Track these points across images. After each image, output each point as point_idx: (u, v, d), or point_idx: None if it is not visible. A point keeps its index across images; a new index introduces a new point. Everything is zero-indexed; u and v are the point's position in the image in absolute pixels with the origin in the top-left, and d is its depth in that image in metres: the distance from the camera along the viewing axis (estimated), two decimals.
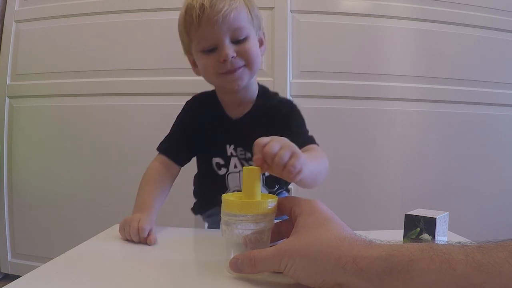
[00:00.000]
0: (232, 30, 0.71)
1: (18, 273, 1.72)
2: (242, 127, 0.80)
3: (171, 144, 0.83)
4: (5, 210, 1.74)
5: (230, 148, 0.81)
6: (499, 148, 1.65)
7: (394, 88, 1.59)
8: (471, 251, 0.32)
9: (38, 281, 0.44)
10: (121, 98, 1.64)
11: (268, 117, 0.79)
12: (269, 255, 0.42)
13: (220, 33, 0.70)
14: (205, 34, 0.71)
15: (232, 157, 0.81)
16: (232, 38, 0.72)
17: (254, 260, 0.42)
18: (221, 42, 0.71)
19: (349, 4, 1.60)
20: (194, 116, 0.83)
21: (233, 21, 0.70)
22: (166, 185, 0.80)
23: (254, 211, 0.44)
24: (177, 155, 0.82)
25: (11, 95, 1.73)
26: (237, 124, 0.81)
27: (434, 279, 0.31)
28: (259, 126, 0.78)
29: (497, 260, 0.30)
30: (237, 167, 0.82)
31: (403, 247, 0.35)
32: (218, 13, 0.69)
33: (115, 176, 1.64)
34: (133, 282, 0.45)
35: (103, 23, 1.66)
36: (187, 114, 0.85)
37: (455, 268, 0.31)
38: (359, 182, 1.60)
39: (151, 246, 0.60)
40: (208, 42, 0.71)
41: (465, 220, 1.53)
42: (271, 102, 0.82)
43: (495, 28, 1.63)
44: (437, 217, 0.56)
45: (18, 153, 1.73)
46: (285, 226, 0.48)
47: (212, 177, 0.83)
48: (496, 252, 0.31)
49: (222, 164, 0.82)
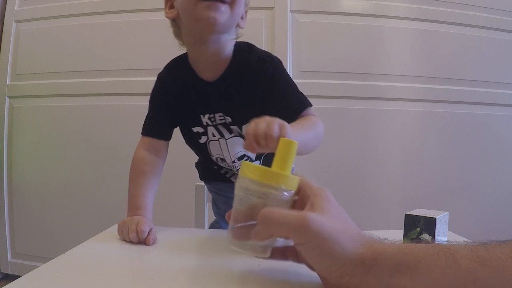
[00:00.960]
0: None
1: (18, 273, 1.72)
2: (220, 90, 0.75)
3: (152, 124, 0.79)
4: (5, 210, 1.74)
5: (205, 118, 0.77)
6: (499, 148, 1.65)
7: (394, 88, 1.59)
8: (475, 247, 0.32)
9: (38, 281, 0.44)
10: (121, 98, 1.64)
11: (250, 78, 0.74)
12: (292, 217, 0.36)
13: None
14: None
15: (208, 126, 0.78)
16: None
17: (271, 217, 0.37)
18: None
19: (349, 4, 1.60)
20: (166, 87, 0.79)
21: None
22: (157, 173, 0.76)
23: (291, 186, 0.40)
24: (161, 132, 0.79)
25: (11, 95, 1.73)
26: (213, 87, 0.75)
27: (440, 274, 0.32)
28: (239, 87, 0.75)
29: (500, 256, 0.30)
30: (215, 135, 0.79)
31: (411, 246, 0.36)
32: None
33: (115, 176, 1.64)
34: (133, 282, 0.45)
35: (103, 23, 1.66)
36: (159, 88, 0.80)
37: (460, 264, 0.31)
38: (359, 182, 1.60)
39: (150, 246, 0.60)
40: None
41: (465, 220, 1.53)
42: (250, 59, 0.75)
43: (495, 28, 1.63)
44: (437, 217, 0.56)
45: (18, 153, 1.73)
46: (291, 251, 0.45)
47: (196, 146, 0.82)
48: (499, 248, 0.31)
49: (201, 132, 0.79)
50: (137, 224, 0.62)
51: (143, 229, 0.61)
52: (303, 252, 0.38)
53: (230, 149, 0.80)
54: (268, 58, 0.76)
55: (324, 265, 0.37)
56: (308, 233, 0.35)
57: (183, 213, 0.98)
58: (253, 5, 1.72)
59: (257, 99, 0.75)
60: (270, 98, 0.74)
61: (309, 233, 0.35)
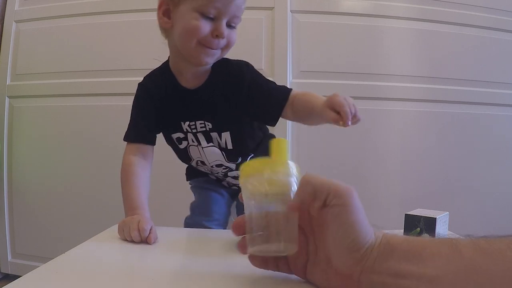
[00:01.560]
0: (233, 16, 0.72)
1: (18, 273, 1.72)
2: (202, 97, 0.79)
3: (138, 130, 0.82)
4: (5, 210, 1.74)
5: (185, 125, 0.81)
6: (499, 148, 1.65)
7: (394, 88, 1.59)
8: (477, 240, 0.34)
9: (38, 281, 0.44)
10: (121, 98, 1.63)
11: (233, 83, 0.79)
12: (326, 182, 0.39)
13: (228, 11, 0.71)
14: (218, 3, 0.69)
15: (188, 133, 0.82)
16: (228, 22, 0.73)
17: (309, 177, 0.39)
18: (222, 18, 0.71)
19: (349, 4, 1.60)
20: (150, 95, 0.82)
21: (239, 9, 0.72)
22: (146, 175, 0.79)
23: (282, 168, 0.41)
24: (148, 137, 0.82)
25: (11, 95, 1.73)
26: (195, 95, 0.79)
27: (445, 262, 0.33)
28: (221, 94, 0.79)
29: (500, 246, 0.32)
30: (194, 142, 0.83)
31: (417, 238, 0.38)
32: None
33: (115, 176, 1.62)
34: (133, 282, 0.45)
35: (103, 23, 1.66)
36: (142, 95, 0.83)
37: (462, 253, 0.33)
38: (359, 181, 1.59)
39: (151, 244, 0.60)
40: (214, 10, 0.70)
41: (465, 220, 1.53)
42: (229, 67, 0.81)
43: (495, 28, 1.63)
44: (437, 217, 0.56)
45: (18, 153, 1.73)
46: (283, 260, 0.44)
47: (177, 150, 0.87)
48: (499, 240, 0.33)
49: (182, 137, 0.84)
50: (138, 223, 0.62)
51: (145, 228, 0.61)
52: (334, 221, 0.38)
53: (207, 156, 0.85)
54: (244, 63, 0.83)
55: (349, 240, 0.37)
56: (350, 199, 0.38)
57: (183, 213, 0.98)
58: (253, 5, 1.73)
59: (239, 104, 0.80)
60: (256, 95, 0.79)
61: (350, 199, 0.38)
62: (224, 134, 0.82)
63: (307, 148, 1.57)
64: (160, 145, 0.97)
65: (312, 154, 1.58)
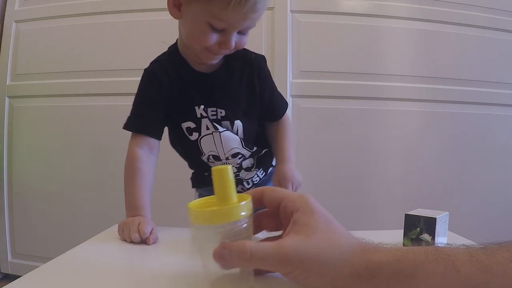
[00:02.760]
0: (246, 27, 0.70)
1: (18, 273, 1.72)
2: (218, 82, 0.77)
3: (144, 120, 0.77)
4: (5, 210, 1.74)
5: (199, 109, 0.76)
6: (499, 148, 1.65)
7: (394, 88, 1.59)
8: (475, 252, 0.32)
9: (38, 281, 0.44)
10: (121, 98, 1.63)
11: (250, 73, 0.78)
12: (271, 252, 0.36)
13: (239, 26, 0.68)
14: (230, 19, 0.66)
15: (203, 118, 0.77)
16: (240, 31, 0.70)
17: (250, 253, 0.36)
18: (232, 31, 0.68)
19: (349, 4, 1.60)
20: (159, 81, 0.77)
21: (253, 20, 0.69)
22: (152, 172, 0.76)
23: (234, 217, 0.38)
24: (154, 129, 0.77)
25: (11, 95, 1.73)
26: (210, 79, 0.77)
27: (440, 281, 0.31)
28: (238, 80, 0.78)
29: (501, 260, 0.30)
30: (209, 128, 0.77)
31: (409, 251, 0.34)
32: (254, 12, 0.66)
33: (115, 176, 1.63)
34: (133, 282, 0.45)
35: (102, 23, 1.66)
36: (150, 81, 0.78)
37: (459, 270, 0.31)
38: (359, 182, 1.59)
39: (150, 246, 0.60)
40: (224, 25, 0.67)
41: (465, 220, 1.53)
42: (247, 55, 0.79)
43: (495, 28, 1.63)
44: (437, 217, 0.56)
45: (18, 153, 1.73)
46: (266, 219, 0.44)
47: (185, 145, 0.81)
48: (500, 252, 0.31)
49: (193, 128, 0.78)
50: (139, 225, 0.62)
51: (145, 231, 0.61)
52: (291, 279, 0.37)
53: (224, 144, 0.79)
54: (263, 57, 0.81)
55: (315, 285, 0.36)
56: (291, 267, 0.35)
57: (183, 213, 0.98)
58: None
59: (253, 93, 0.79)
60: (261, 97, 0.80)
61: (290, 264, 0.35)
62: (236, 122, 0.79)
63: (307, 149, 1.57)
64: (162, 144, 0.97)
65: (312, 154, 1.58)
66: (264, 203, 0.43)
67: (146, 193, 0.73)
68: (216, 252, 0.37)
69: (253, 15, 0.67)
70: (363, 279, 0.34)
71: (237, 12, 0.64)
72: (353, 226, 0.42)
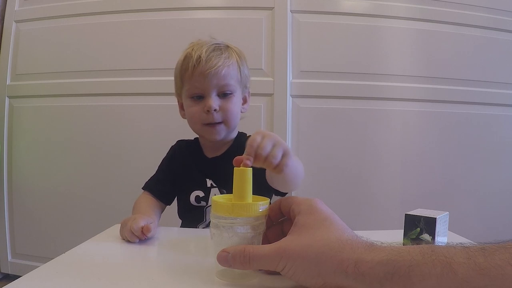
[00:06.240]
0: (220, 85, 0.79)
1: (18, 273, 1.72)
2: (217, 165, 0.86)
3: (158, 185, 0.87)
4: (5, 210, 1.74)
5: (209, 181, 0.86)
6: (499, 148, 1.65)
7: (394, 88, 1.59)
8: (473, 254, 0.31)
9: (38, 281, 0.44)
10: (121, 98, 1.64)
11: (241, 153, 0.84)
12: (266, 253, 0.39)
13: (209, 85, 0.78)
14: (196, 83, 0.78)
15: (213, 188, 0.86)
16: (219, 92, 0.79)
17: (249, 256, 0.39)
18: (208, 93, 0.79)
19: (349, 4, 1.60)
20: (177, 158, 0.90)
21: (222, 77, 0.78)
22: (158, 209, 0.84)
23: (244, 214, 0.43)
24: (164, 195, 0.86)
25: (11, 95, 1.73)
26: (212, 163, 0.87)
27: (435, 283, 0.31)
28: None
29: (499, 263, 0.29)
30: None
31: (404, 251, 0.34)
32: (211, 68, 0.77)
33: (115, 176, 1.64)
34: (133, 282, 0.45)
35: (103, 23, 1.66)
36: (171, 157, 0.92)
37: (456, 272, 0.30)
38: (359, 182, 1.59)
39: (150, 246, 0.60)
40: (197, 90, 0.79)
41: (465, 220, 1.53)
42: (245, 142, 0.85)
43: (495, 28, 1.63)
44: (437, 217, 0.56)
45: (18, 153, 1.73)
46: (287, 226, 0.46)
47: (191, 211, 0.86)
48: (498, 254, 0.30)
49: (201, 197, 0.85)
50: (133, 220, 0.62)
51: (135, 227, 0.61)
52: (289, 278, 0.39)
53: None
54: None
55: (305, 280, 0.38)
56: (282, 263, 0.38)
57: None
58: (253, 5, 1.73)
59: None
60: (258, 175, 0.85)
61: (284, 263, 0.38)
62: None
63: (307, 149, 1.57)
64: (162, 144, 0.97)
65: (312, 154, 1.58)
66: (282, 211, 0.47)
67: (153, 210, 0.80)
68: (219, 256, 0.41)
69: (218, 73, 0.77)
70: (350, 276, 0.34)
71: (199, 72, 0.77)
72: (353, 226, 0.41)
